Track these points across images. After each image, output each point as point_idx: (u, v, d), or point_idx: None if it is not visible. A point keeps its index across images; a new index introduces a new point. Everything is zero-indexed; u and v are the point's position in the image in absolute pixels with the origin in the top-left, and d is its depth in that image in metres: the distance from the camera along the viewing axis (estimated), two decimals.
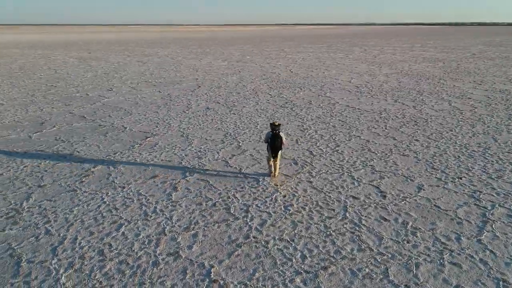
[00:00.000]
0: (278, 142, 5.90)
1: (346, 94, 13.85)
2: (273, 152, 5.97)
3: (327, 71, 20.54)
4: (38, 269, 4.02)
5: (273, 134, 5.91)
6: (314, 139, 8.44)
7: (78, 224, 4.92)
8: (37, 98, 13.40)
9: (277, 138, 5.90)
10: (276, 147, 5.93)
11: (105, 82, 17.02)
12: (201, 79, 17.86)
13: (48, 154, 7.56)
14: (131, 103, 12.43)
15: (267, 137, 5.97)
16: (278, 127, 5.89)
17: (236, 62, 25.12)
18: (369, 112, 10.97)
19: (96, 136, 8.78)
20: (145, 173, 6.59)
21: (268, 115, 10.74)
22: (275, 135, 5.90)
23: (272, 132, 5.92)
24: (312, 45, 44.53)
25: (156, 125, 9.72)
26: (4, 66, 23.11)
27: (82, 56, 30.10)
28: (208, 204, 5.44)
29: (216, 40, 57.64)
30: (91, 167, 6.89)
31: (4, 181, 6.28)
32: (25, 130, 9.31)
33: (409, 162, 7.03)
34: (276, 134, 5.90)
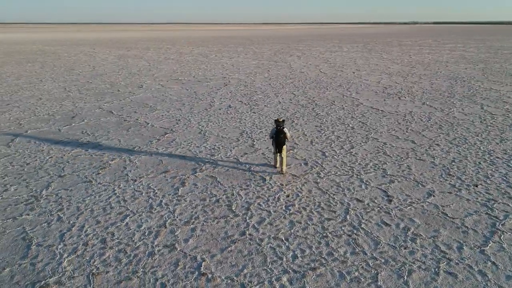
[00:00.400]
0: (281, 137, 6.14)
1: (372, 95, 13.54)
2: (277, 147, 6.24)
3: (358, 71, 20.13)
4: (45, 252, 4.33)
5: (277, 130, 6.14)
6: (330, 140, 8.36)
7: (88, 213, 5.22)
8: (72, 93, 14.19)
9: (280, 133, 6.13)
10: (279, 142, 6.17)
11: (138, 79, 17.70)
12: (229, 77, 18.11)
13: (72, 147, 8.03)
14: (157, 100, 12.87)
15: (272, 133, 6.26)
16: (282, 123, 6.10)
17: (267, 61, 25.20)
18: (392, 114, 10.68)
19: (119, 131, 9.20)
20: (157, 168, 6.84)
21: (288, 114, 10.74)
22: (279, 131, 6.13)
23: (276, 128, 6.13)
24: (346, 44, 43.71)
25: (177, 122, 10.02)
26: (49, 63, 24.60)
27: (121, 54, 31.39)
28: (211, 200, 5.58)
29: (249, 39, 58.00)
30: (109, 160, 7.25)
31: (30, 170, 6.76)
32: (56, 123, 9.92)
33: (424, 167, 6.81)
34: (280, 130, 6.12)
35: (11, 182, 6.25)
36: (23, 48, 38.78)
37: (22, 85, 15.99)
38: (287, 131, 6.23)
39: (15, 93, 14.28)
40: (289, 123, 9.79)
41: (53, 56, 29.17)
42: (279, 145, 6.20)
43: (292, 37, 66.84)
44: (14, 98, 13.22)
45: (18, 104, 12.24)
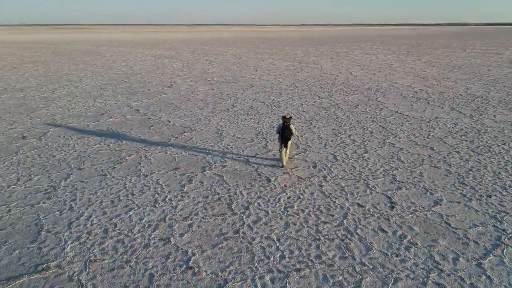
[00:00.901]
0: (287, 133, 6.52)
1: (400, 99, 13.17)
2: (283, 142, 6.64)
3: (390, 74, 19.60)
4: (52, 238, 4.68)
5: (283, 126, 6.52)
6: (344, 144, 8.27)
7: (97, 204, 5.56)
8: (106, 91, 14.97)
9: (286, 129, 6.50)
10: (285, 137, 6.56)
11: (169, 79, 18.32)
12: (257, 78, 18.29)
13: (96, 142, 8.52)
14: (183, 100, 13.29)
15: (279, 129, 6.62)
16: (288, 120, 6.47)
17: (298, 63, 25.14)
18: (416, 120, 10.35)
19: (141, 128, 9.63)
20: (170, 165, 7.12)
21: (307, 117, 10.72)
22: (285, 126, 6.50)
23: (283, 124, 6.52)
24: (385, 46, 42.52)
25: (197, 121, 10.31)
26: (91, 63, 26.02)
27: (158, 54, 32.56)
28: (213, 198, 5.75)
29: (283, 41, 57.95)
30: (127, 155, 7.63)
31: (54, 162, 7.27)
32: (86, 120, 10.55)
33: (437, 175, 6.58)
34: (286, 126, 6.49)
35: (36, 173, 6.76)
36: (69, 48, 41.23)
37: (63, 83, 17.08)
38: (293, 127, 6.58)
39: (56, 90, 15.29)
40: (307, 126, 9.77)
41: (95, 56, 30.80)
42: (285, 140, 6.61)
43: (328, 38, 65.99)
44: (54, 95, 14.17)
45: (56, 101, 13.11)
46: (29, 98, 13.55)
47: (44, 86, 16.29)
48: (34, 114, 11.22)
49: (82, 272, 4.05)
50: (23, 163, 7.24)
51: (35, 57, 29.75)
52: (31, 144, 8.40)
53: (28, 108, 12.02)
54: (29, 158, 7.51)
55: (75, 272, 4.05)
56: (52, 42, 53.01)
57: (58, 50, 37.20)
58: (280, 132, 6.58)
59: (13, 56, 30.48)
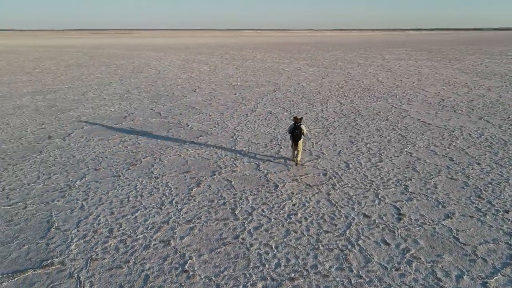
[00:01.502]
0: (298, 133, 6.92)
1: (425, 107, 12.75)
2: (294, 141, 7.03)
3: (419, 81, 19.02)
4: (60, 235, 4.89)
5: (294, 126, 6.96)
6: (359, 152, 8.11)
7: (107, 204, 5.76)
8: (132, 94, 15.47)
9: (297, 129, 6.92)
10: (296, 137, 6.94)
11: (194, 83, 18.68)
12: (280, 84, 18.29)
13: (115, 143, 8.82)
14: (204, 104, 13.50)
15: (290, 129, 7.07)
16: (299, 120, 6.94)
17: (324, 69, 24.91)
18: (439, 129, 9.97)
19: (160, 131, 9.87)
20: (181, 168, 7.25)
21: (326, 123, 10.59)
22: (296, 127, 6.94)
23: (294, 124, 6.94)
24: (417, 52, 41.29)
25: (215, 125, 10.45)
26: (122, 66, 26.98)
27: (187, 59, 33.28)
28: (219, 203, 5.80)
29: (314, 45, 57.56)
30: (142, 157, 7.85)
31: (74, 162, 7.60)
32: (110, 122, 10.94)
33: (453, 187, 6.31)
34: (297, 126, 6.92)
35: (55, 171, 7.09)
36: (105, 52, 42.95)
37: (93, 86, 17.81)
38: (303, 127, 7.02)
39: (86, 92, 15.97)
40: (323, 133, 9.66)
41: (127, 60, 31.91)
42: (296, 139, 6.97)
43: (360, 43, 64.92)
44: (83, 98, 14.80)
45: (84, 103, 13.69)
46: (60, 100, 14.24)
47: (76, 88, 17.06)
48: (63, 115, 11.77)
49: (82, 269, 4.20)
50: (45, 162, 7.62)
51: (72, 61, 31.23)
52: (55, 144, 8.82)
53: (58, 109, 12.63)
54: (51, 157, 7.89)
55: (76, 269, 4.21)
56: (90, 47, 55.45)
57: (94, 54, 38.85)
58: (291, 132, 6.93)
59: (53, 60, 32.13)
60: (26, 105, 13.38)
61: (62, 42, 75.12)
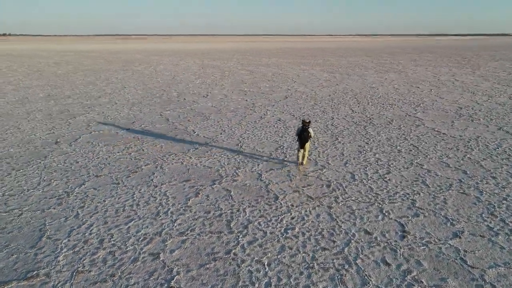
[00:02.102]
0: (305, 135, 7.08)
1: (440, 115, 12.28)
2: (301, 143, 7.20)
3: (436, 88, 18.44)
4: (50, 245, 4.81)
5: (302, 129, 7.13)
6: (367, 163, 7.80)
7: (102, 213, 5.66)
8: (144, 100, 15.55)
9: (304, 132, 7.09)
10: (304, 139, 7.12)
11: (207, 88, 18.66)
12: (293, 90, 18.06)
13: (119, 149, 8.78)
14: (214, 110, 13.41)
15: (298, 131, 7.23)
16: (308, 124, 7.11)
17: (339, 75, 24.53)
18: (454, 139, 9.54)
19: (166, 138, 9.80)
20: (182, 176, 7.12)
21: (335, 131, 10.31)
22: (303, 129, 7.10)
23: (302, 127, 7.13)
24: (437, 57, 40.29)
25: (221, 132, 10.31)
26: (138, 71, 27.30)
27: (204, 64, 33.44)
28: (215, 214, 5.62)
29: (333, 51, 57.02)
30: (144, 164, 7.77)
31: (76, 168, 7.58)
32: (117, 127, 10.96)
33: (464, 203, 5.94)
34: (305, 129, 7.09)
35: (56, 177, 7.08)
36: (124, 57, 43.68)
37: (108, 91, 18.02)
38: (311, 130, 7.17)
39: (99, 98, 16.15)
40: (332, 141, 9.38)
41: (144, 65, 32.31)
42: (303, 141, 7.14)
43: (379, 49, 63.97)
44: (96, 102, 14.96)
45: (96, 108, 13.82)
46: (73, 105, 14.42)
47: (90, 93, 17.29)
48: (73, 120, 11.88)
49: (67, 283, 4.09)
50: (48, 167, 7.63)
51: (90, 66, 31.84)
52: (61, 149, 8.86)
53: (69, 114, 12.78)
54: (54, 163, 7.90)
55: (60, 282, 4.10)
56: (111, 52, 56.58)
57: (113, 59, 39.55)
58: (299, 134, 7.13)
59: (72, 65, 32.84)
60: (39, 109, 13.60)
61: (86, 47, 77.03)
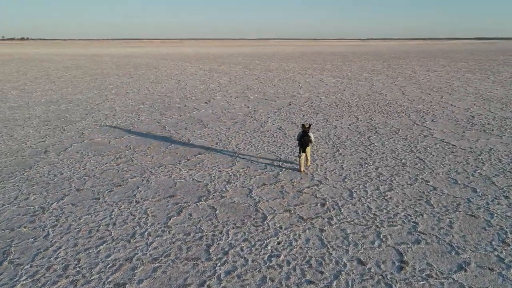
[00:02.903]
0: (305, 139, 7.30)
1: (451, 125, 11.62)
2: (302, 147, 7.37)
3: (448, 94, 17.71)
4: (10, 270, 4.41)
5: (303, 133, 7.33)
6: (367, 178, 7.24)
7: (74, 233, 5.25)
8: (144, 106, 15.24)
9: (304, 136, 7.30)
10: (304, 143, 7.32)
11: (210, 94, 18.29)
12: (298, 96, 17.55)
13: (108, 160, 8.41)
14: (214, 117, 12.99)
15: (298, 136, 7.44)
16: (308, 128, 7.35)
17: (348, 80, 23.92)
18: (464, 151, 8.90)
19: (159, 147, 9.40)
20: (167, 191, 6.68)
21: (337, 142, 9.76)
22: (304, 133, 7.32)
23: (303, 131, 7.35)
24: (451, 62, 39.27)
25: (217, 142, 9.86)
26: (144, 76, 27.15)
27: (211, 68, 33.19)
28: (195, 237, 5.15)
29: (343, 55, 56.30)
30: (130, 177, 7.36)
31: (58, 181, 7.22)
32: (112, 135, 10.62)
33: (472, 227, 5.35)
34: (305, 133, 7.32)
35: (36, 191, 6.72)
36: (133, 61, 43.80)
37: (110, 96, 17.80)
38: (311, 135, 7.42)
39: (100, 103, 15.91)
40: (332, 153, 8.84)
41: (151, 69, 32.20)
42: (304, 145, 7.33)
43: (392, 53, 62.93)
44: (96, 108, 14.71)
45: (95, 114, 13.54)
46: (72, 111, 14.19)
47: (92, 98, 17.08)
48: (68, 127, 11.60)
49: None
50: (31, 179, 7.28)
51: (97, 70, 31.89)
52: (49, 159, 8.53)
53: (66, 120, 12.51)
54: (38, 174, 7.56)
55: None
56: (123, 56, 56.95)
57: (123, 64, 39.66)
58: (300, 139, 7.30)
59: (81, 70, 32.95)
60: (37, 115, 13.39)
61: (100, 51, 77.86)
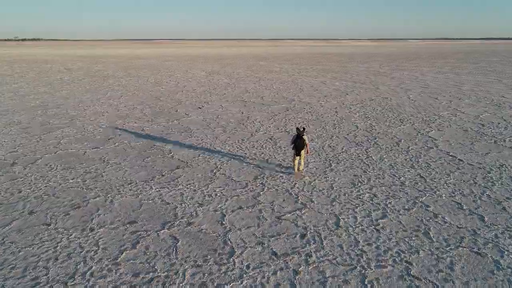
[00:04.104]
0: (300, 142, 7.17)
1: (458, 135, 10.64)
2: (297, 151, 7.25)
3: (457, 99, 16.65)
4: None
5: (297, 136, 7.20)
6: (359, 200, 6.37)
7: (6, 271, 4.51)
8: (135, 111, 14.54)
9: (298, 139, 7.17)
10: (299, 146, 7.18)
11: (206, 98, 17.53)
12: (297, 101, 16.68)
13: (76, 175, 7.68)
14: (203, 124, 12.21)
15: (293, 139, 7.31)
16: (302, 131, 7.22)
17: (352, 83, 22.94)
18: (472, 167, 7.96)
19: (135, 160, 8.65)
20: (129, 215, 5.91)
21: (331, 155, 8.89)
22: (298, 137, 7.19)
23: (297, 135, 7.21)
24: (463, 64, 37.90)
25: (200, 154, 9.07)
26: (144, 78, 26.54)
27: (213, 70, 32.47)
28: (144, 279, 4.36)
29: (351, 56, 55.11)
30: (92, 197, 6.61)
31: (14, 201, 6.50)
32: (89, 145, 9.90)
33: (477, 270, 4.46)
34: (299, 136, 7.18)
35: None
36: (138, 62, 43.32)
37: (103, 100, 17.16)
38: (306, 138, 7.27)
39: (89, 107, 15.26)
40: (323, 169, 7.98)
41: (153, 71, 31.59)
42: (299, 148, 7.20)
43: (402, 54, 61.51)
44: (82, 114, 14.05)
45: (79, 120, 12.88)
46: (57, 116, 13.55)
47: (84, 102, 16.44)
48: (47, 135, 10.93)
49: None
50: None
51: (100, 72, 31.41)
52: (13, 173, 7.84)
53: (46, 128, 11.86)
54: None
55: None
56: (129, 57, 56.63)
57: (127, 65, 39.18)
58: (294, 142, 7.21)
59: (82, 71, 32.51)
60: (20, 121, 12.77)
61: (107, 52, 77.89)
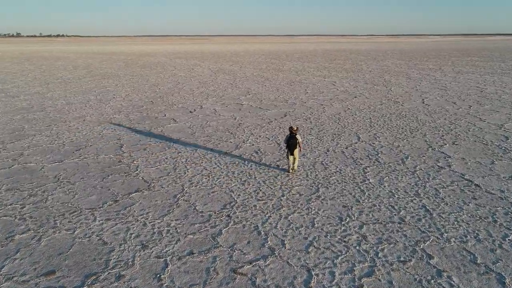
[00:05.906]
0: (292, 141, 7.14)
1: (476, 150, 9.13)
2: (290, 150, 7.23)
3: (477, 104, 14.97)
4: None
5: (290, 136, 7.15)
6: (343, 245, 5.07)
7: None
8: (121, 115, 13.52)
9: (292, 139, 7.15)
10: (292, 145, 7.16)
11: (201, 100, 16.38)
12: (299, 105, 15.32)
13: (18, 198, 6.63)
14: (187, 133, 11.04)
15: (286, 139, 7.30)
16: (295, 131, 7.16)
17: (363, 84, 21.36)
18: (491, 197, 6.51)
19: (94, 178, 7.55)
20: (49, 263, 4.77)
21: (322, 175, 7.58)
22: (291, 136, 7.14)
23: (290, 134, 7.14)
24: (485, 62, 35.52)
25: (171, 171, 7.91)
26: (145, 77, 25.61)
27: (219, 68, 31.32)
28: None
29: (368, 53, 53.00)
30: (21, 232, 5.52)
31: None
32: (52, 157, 8.87)
33: None
34: (292, 136, 7.13)
35: None
36: (146, 60, 42.57)
37: (92, 102, 16.23)
38: (299, 137, 7.24)
39: (75, 110, 14.32)
40: (308, 196, 6.68)
41: (157, 69, 30.67)
42: (292, 147, 7.19)
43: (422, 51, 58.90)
44: (64, 118, 13.10)
45: (57, 126, 11.92)
46: (35, 121, 12.63)
47: (71, 105, 15.52)
48: (14, 144, 9.97)
49: None
50: None
51: (105, 70, 30.70)
52: None
53: (17, 135, 10.91)
54: None
55: None
56: (139, 54, 56.10)
57: (132, 63, 38.44)
58: (287, 142, 7.24)
59: (87, 69, 31.86)
60: None
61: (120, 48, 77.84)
